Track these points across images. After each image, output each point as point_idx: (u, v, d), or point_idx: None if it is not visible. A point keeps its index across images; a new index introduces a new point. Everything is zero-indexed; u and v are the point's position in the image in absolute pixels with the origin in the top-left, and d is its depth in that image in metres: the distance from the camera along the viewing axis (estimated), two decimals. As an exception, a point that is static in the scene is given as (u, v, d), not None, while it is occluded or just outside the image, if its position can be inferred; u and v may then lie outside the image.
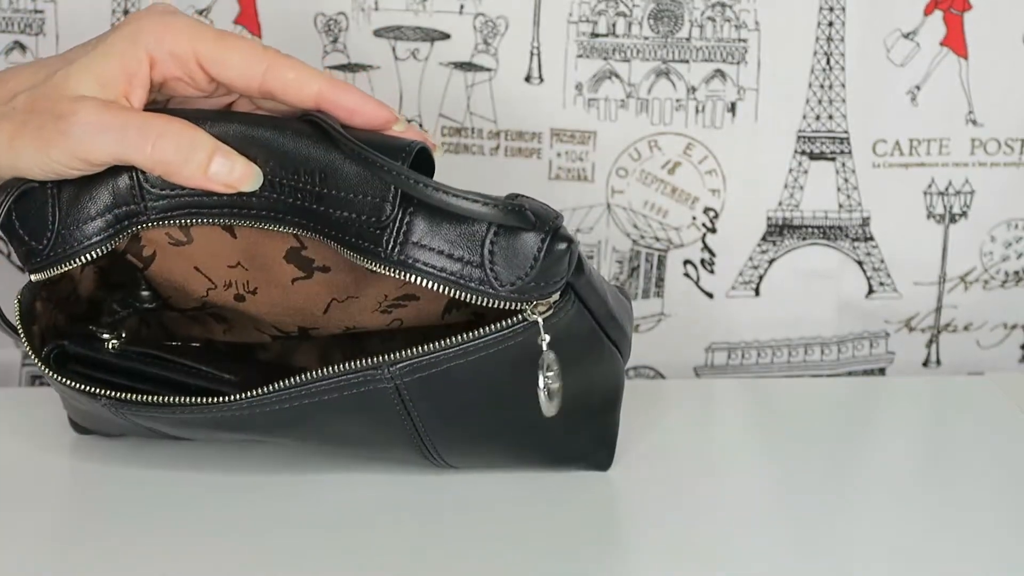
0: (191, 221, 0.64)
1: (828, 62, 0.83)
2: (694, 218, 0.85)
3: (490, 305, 0.61)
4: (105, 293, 0.71)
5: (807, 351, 0.89)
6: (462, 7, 0.81)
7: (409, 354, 0.62)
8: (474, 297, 0.61)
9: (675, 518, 0.68)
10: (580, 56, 0.82)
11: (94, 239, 0.63)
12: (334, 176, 0.62)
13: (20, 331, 0.65)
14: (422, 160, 0.64)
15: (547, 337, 0.62)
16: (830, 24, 0.83)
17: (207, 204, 0.63)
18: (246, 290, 0.68)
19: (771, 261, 0.87)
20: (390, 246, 0.61)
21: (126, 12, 0.81)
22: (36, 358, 0.66)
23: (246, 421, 0.65)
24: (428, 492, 0.70)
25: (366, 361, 0.63)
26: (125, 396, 0.65)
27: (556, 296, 0.62)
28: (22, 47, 0.81)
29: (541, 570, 0.64)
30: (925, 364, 0.90)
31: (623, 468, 0.72)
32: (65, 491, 0.71)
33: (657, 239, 0.86)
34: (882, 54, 0.84)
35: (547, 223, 0.61)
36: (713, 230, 0.86)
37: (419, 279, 0.61)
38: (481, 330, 0.62)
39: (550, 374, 0.62)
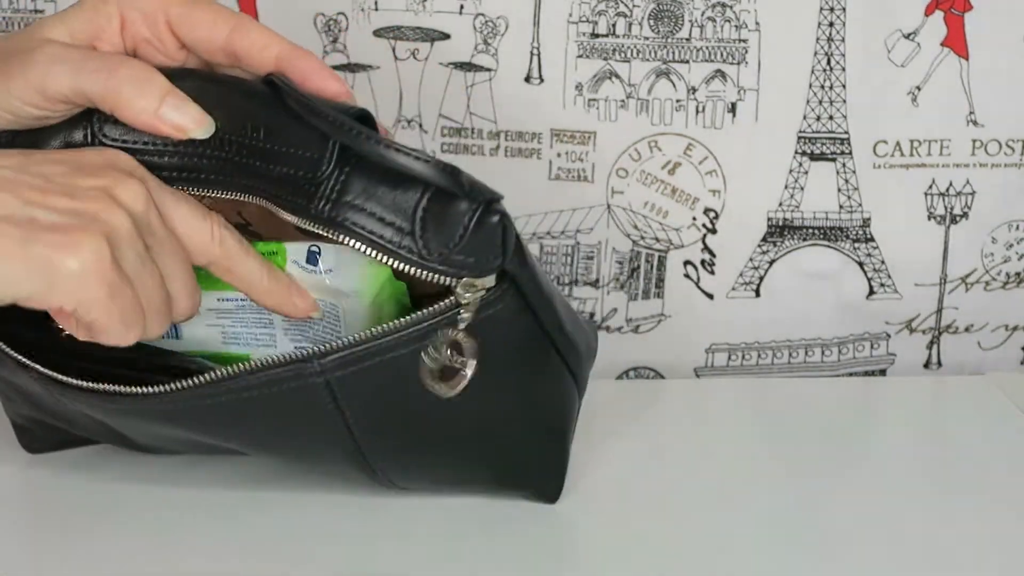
0: None
1: (828, 62, 0.83)
2: (694, 219, 0.85)
3: (418, 275, 0.59)
4: None
5: (807, 352, 0.89)
6: (462, 7, 0.81)
7: (338, 344, 0.60)
8: (403, 265, 0.59)
9: (675, 518, 0.68)
10: (580, 56, 0.82)
11: None
12: (277, 132, 0.61)
13: None
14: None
15: (467, 317, 0.60)
16: (830, 24, 0.83)
17: (159, 165, 0.61)
18: None
19: (771, 262, 0.87)
20: (322, 203, 0.60)
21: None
22: None
23: (179, 415, 0.63)
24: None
25: (294, 354, 0.60)
26: (55, 377, 0.62)
27: (491, 282, 0.60)
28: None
29: (542, 569, 0.64)
30: (926, 365, 0.90)
31: (624, 468, 0.72)
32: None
33: (657, 240, 0.86)
34: (883, 54, 0.84)
35: (482, 195, 0.59)
36: (713, 231, 0.86)
37: (348, 240, 0.59)
38: (411, 316, 0.60)
39: (435, 354, 0.60)
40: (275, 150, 0.60)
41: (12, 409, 0.71)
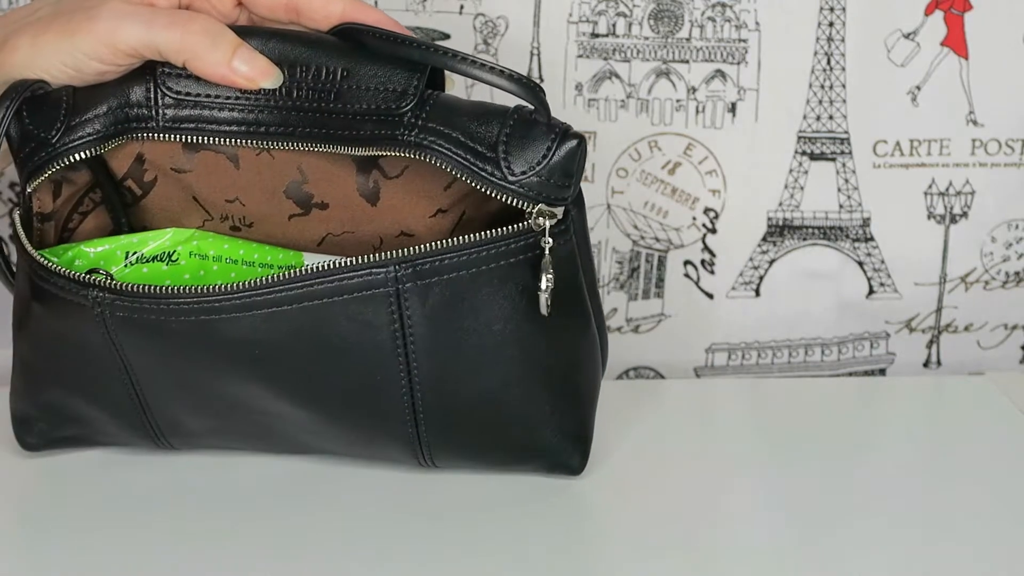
0: (200, 139, 0.65)
1: (828, 62, 0.83)
2: (694, 218, 0.85)
3: (499, 198, 0.63)
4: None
5: (807, 352, 0.89)
6: (462, 7, 0.81)
7: (412, 252, 0.63)
8: (485, 187, 0.63)
9: (675, 518, 0.68)
10: (580, 56, 0.82)
11: (96, 135, 0.64)
12: (357, 70, 0.64)
13: (21, 233, 0.65)
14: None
15: (550, 241, 0.63)
16: (830, 24, 0.83)
17: (219, 119, 0.65)
18: (243, 224, 0.69)
19: (771, 262, 0.87)
20: (408, 131, 0.63)
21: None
22: (34, 251, 0.65)
23: (240, 332, 0.64)
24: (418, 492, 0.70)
25: (371, 257, 0.63)
26: (119, 286, 0.64)
27: (560, 214, 0.63)
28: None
29: (541, 570, 0.64)
30: (926, 365, 0.90)
31: (623, 467, 0.72)
32: (64, 490, 0.71)
33: (657, 239, 0.86)
34: (883, 54, 0.84)
35: (560, 121, 0.63)
36: (713, 230, 0.86)
37: (433, 159, 0.63)
38: (485, 233, 0.63)
39: (550, 275, 0.63)
40: (354, 89, 0.64)
41: (25, 394, 0.70)
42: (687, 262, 0.86)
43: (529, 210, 0.63)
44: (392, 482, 0.70)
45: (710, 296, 0.87)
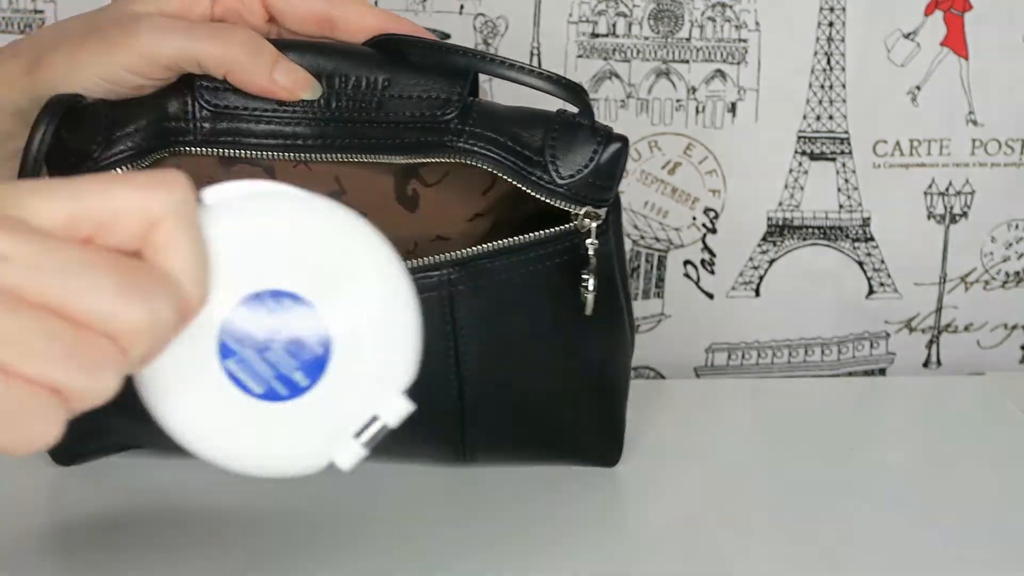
0: (236, 152, 0.64)
1: (828, 62, 0.83)
2: (694, 218, 0.85)
3: (549, 201, 0.63)
4: None
5: (807, 352, 0.89)
6: (462, 7, 0.81)
7: (464, 254, 0.63)
8: (535, 191, 0.63)
9: (675, 518, 0.68)
10: (580, 56, 0.82)
11: (135, 148, 0.63)
12: (399, 79, 0.64)
13: None
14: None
15: (596, 242, 0.64)
16: (830, 24, 0.83)
17: (256, 132, 0.64)
18: None
19: (771, 261, 0.87)
20: (456, 137, 0.63)
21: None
22: None
23: None
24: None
25: (422, 261, 0.63)
26: None
27: (604, 212, 0.64)
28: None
29: (541, 568, 0.64)
30: (926, 365, 0.90)
31: (624, 468, 0.72)
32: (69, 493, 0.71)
33: (657, 239, 0.86)
34: (882, 54, 0.84)
35: (602, 125, 0.64)
36: (713, 230, 0.86)
37: (484, 164, 0.63)
38: (533, 235, 0.63)
39: (596, 276, 0.64)
40: (396, 98, 0.64)
41: None
42: (687, 262, 0.86)
43: (575, 212, 0.64)
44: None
45: (710, 296, 0.87)
